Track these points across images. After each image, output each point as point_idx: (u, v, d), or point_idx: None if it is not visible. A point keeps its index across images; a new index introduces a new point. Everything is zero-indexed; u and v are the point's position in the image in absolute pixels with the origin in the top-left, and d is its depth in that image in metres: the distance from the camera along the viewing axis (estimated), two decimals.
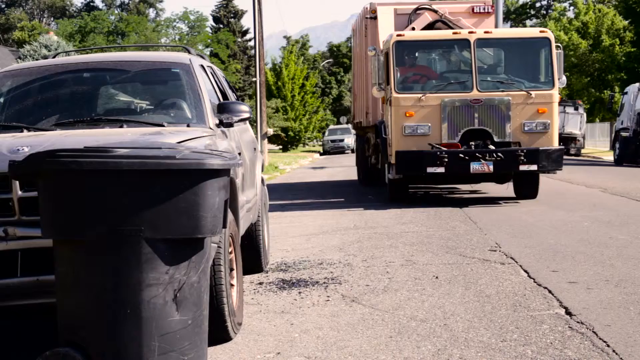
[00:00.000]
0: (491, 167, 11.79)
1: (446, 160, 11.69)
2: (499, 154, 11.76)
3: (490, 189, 14.89)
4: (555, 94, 12.36)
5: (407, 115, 12.04)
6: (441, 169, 11.75)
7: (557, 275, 6.44)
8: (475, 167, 11.78)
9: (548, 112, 12.20)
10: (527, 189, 12.93)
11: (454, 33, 12.90)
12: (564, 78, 12.66)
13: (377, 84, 12.78)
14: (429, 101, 12.08)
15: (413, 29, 13.88)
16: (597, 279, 6.24)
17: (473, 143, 11.94)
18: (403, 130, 12.09)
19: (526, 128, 12.06)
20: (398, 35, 12.66)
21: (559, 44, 13.21)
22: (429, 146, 11.94)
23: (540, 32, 12.91)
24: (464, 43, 12.58)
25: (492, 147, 11.93)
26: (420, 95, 12.15)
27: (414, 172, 12.21)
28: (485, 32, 12.72)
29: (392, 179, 12.69)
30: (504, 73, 12.84)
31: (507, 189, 13.44)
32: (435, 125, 12.03)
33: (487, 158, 11.75)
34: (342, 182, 20.04)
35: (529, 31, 13.09)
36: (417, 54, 13.26)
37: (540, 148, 11.93)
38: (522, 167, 11.85)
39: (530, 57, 12.87)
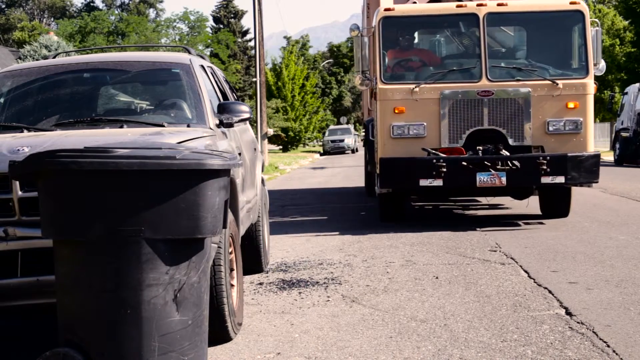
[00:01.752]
0: (504, 180, 9.12)
1: (444, 170, 9.06)
2: (515, 162, 9.11)
3: (512, 202, 12.13)
4: (590, 83, 9.55)
5: (396, 111, 9.42)
6: (438, 182, 9.12)
7: (557, 275, 6.44)
8: (482, 179, 9.13)
9: (580, 107, 9.45)
10: (554, 204, 10.21)
11: (458, 6, 9.89)
12: (602, 64, 9.83)
13: (361, 72, 9.90)
14: (425, 93, 9.43)
15: (415, 3, 10.87)
16: (597, 279, 6.24)
17: (481, 148, 9.38)
18: (391, 131, 9.43)
19: (551, 128, 9.40)
20: (386, 10, 9.84)
21: (596, 20, 10.28)
22: (423, 152, 9.34)
23: (571, 3, 9.77)
24: (471, 19, 9.77)
25: (505, 152, 9.33)
26: (413, 86, 9.46)
27: (403, 186, 9.54)
28: (499, 5, 9.75)
29: (379, 193, 10.05)
30: (523, 57, 10.09)
31: (527, 206, 11.07)
32: (433, 125, 9.41)
33: (498, 167, 9.12)
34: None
35: (557, 3, 9.74)
36: (410, 34, 10.51)
37: (569, 154, 9.20)
38: (545, 180, 9.13)
39: (557, 36, 9.98)
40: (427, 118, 9.42)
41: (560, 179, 9.17)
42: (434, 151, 9.34)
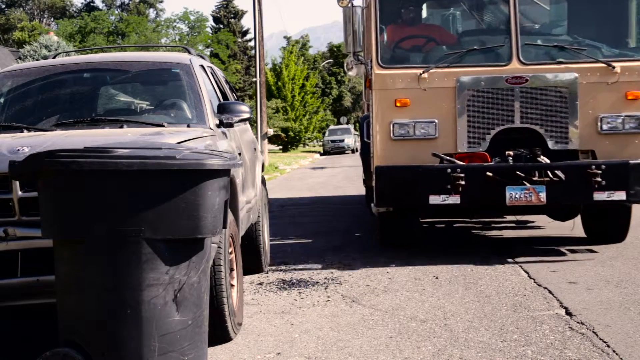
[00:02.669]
0: (543, 196, 6.89)
1: (463, 183, 6.85)
2: (557, 173, 6.87)
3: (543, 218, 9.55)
4: None
5: (398, 104, 7.26)
6: (454, 199, 6.91)
7: (557, 275, 6.44)
8: (514, 195, 6.90)
9: None
10: (605, 225, 7.89)
11: None
12: None
13: (352, 54, 7.54)
14: (436, 81, 7.24)
15: None
16: (597, 279, 6.24)
17: (511, 153, 7.10)
18: (391, 131, 7.26)
19: (605, 127, 7.16)
20: None
21: None
22: (433, 159, 7.16)
23: None
24: None
25: (544, 159, 7.06)
26: (420, 70, 7.24)
27: (408, 203, 7.26)
28: None
29: (375, 212, 7.69)
30: (565, 33, 7.76)
31: (572, 229, 8.48)
32: (446, 123, 7.20)
33: (535, 180, 6.88)
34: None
35: None
36: (416, 4, 8.23)
37: (632, 161, 6.94)
38: (600, 196, 6.90)
39: (611, 5, 7.67)
40: (439, 113, 7.22)
41: (621, 195, 6.89)
42: (448, 157, 7.13)
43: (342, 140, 49.78)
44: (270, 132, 31.96)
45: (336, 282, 6.54)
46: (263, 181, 7.52)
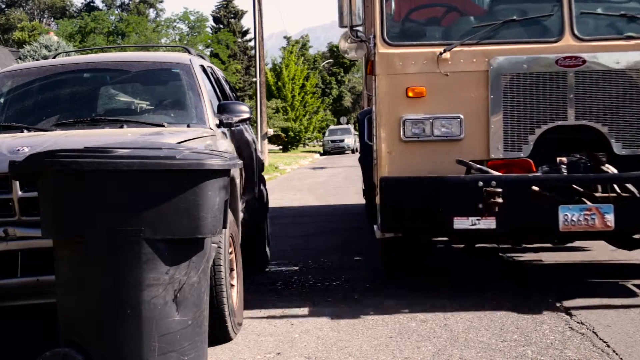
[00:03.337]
0: (610, 219, 5.16)
1: (500, 200, 5.15)
2: (629, 187, 5.19)
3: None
4: None
5: (411, 94, 5.58)
6: (488, 222, 5.22)
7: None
8: (571, 217, 5.20)
9: None
10: None
11: None
12: None
13: (349, 29, 5.78)
14: (462, 63, 5.55)
15: None
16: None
17: (565, 159, 5.40)
18: (401, 130, 5.56)
19: None
20: None
21: None
22: (459, 167, 5.46)
23: None
24: None
25: (610, 169, 5.33)
26: (440, 49, 5.55)
27: (424, 228, 5.58)
28: None
29: (380, 237, 5.79)
30: None
31: None
32: (476, 119, 5.53)
33: (599, 196, 5.21)
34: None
35: None
36: None
37: None
38: None
39: None
40: (466, 106, 5.50)
41: None
42: (479, 166, 5.35)
43: (342, 140, 49.82)
44: (270, 132, 31.98)
45: (336, 281, 6.54)
46: (263, 181, 7.52)
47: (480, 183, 5.19)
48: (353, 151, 47.30)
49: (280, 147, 54.57)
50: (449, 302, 5.58)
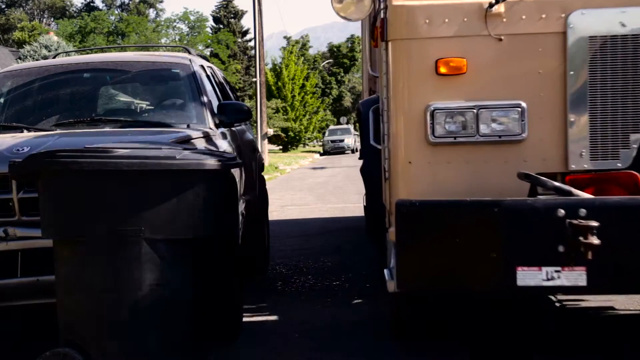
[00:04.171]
0: None
1: (596, 241, 3.17)
2: None
3: None
4: None
5: (443, 70, 3.70)
6: (576, 275, 3.30)
7: None
8: None
9: None
10: None
11: None
12: None
13: None
14: (522, 20, 3.68)
15: None
16: None
17: None
18: (428, 126, 3.71)
19: None
20: None
21: None
22: (520, 185, 3.61)
23: None
24: None
25: None
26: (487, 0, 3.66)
27: (467, 283, 3.45)
28: None
29: (393, 290, 3.76)
30: None
31: None
32: (545, 108, 3.68)
33: None
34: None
35: None
36: None
37: None
38: None
39: None
40: (530, 89, 3.71)
41: None
42: (556, 184, 3.52)
43: (342, 140, 49.85)
44: (270, 132, 31.97)
45: (337, 282, 6.54)
46: (263, 181, 7.52)
47: (561, 212, 3.26)
48: (353, 151, 47.33)
49: (280, 147, 54.59)
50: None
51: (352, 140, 49.39)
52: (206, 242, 3.67)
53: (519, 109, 3.68)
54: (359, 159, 5.91)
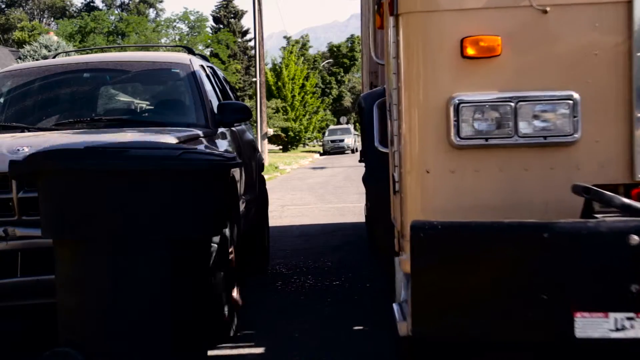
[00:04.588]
0: None
1: None
2: None
3: None
4: None
5: (471, 52, 2.88)
6: None
7: None
8: None
9: None
10: None
11: None
12: None
13: None
14: None
15: None
16: None
17: None
18: (452, 123, 2.89)
19: None
20: None
21: None
22: (573, 201, 2.79)
23: None
24: None
25: None
26: None
27: (504, 331, 2.60)
28: None
29: (405, 333, 2.89)
30: None
31: None
32: (604, 102, 2.87)
33: None
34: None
35: None
36: None
37: None
38: None
39: None
40: (584, 76, 2.90)
41: None
42: (626, 201, 2.66)
43: (342, 140, 49.85)
44: (270, 132, 31.99)
45: (336, 282, 6.54)
46: (263, 181, 7.52)
47: (635, 239, 2.49)
48: (353, 151, 47.35)
49: (280, 147, 54.59)
50: None
51: (352, 140, 49.41)
52: (206, 242, 3.67)
53: (570, 102, 2.87)
54: (360, 161, 5.11)
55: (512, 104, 2.88)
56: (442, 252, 2.62)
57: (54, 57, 6.92)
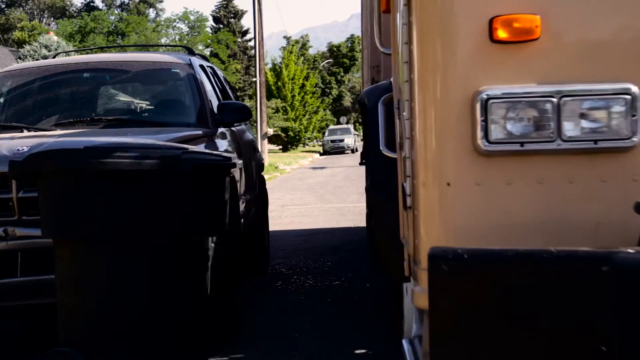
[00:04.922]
0: None
1: None
2: None
3: None
4: None
5: (502, 34, 2.32)
6: None
7: None
8: None
9: None
10: None
11: None
12: None
13: None
14: None
15: None
16: None
17: None
18: (478, 125, 2.33)
19: None
20: None
21: None
22: (636, 221, 2.19)
23: None
24: None
25: None
26: None
27: None
28: None
29: None
30: None
31: None
32: None
33: None
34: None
35: None
36: None
37: None
38: None
39: None
40: None
41: None
42: None
43: (342, 140, 49.86)
44: (270, 132, 31.98)
45: (336, 282, 6.54)
46: (263, 181, 7.52)
47: None
48: (353, 151, 47.37)
49: (280, 147, 54.60)
50: None
51: (352, 140, 49.43)
52: (206, 242, 3.67)
53: (628, 97, 2.32)
54: (360, 164, 4.35)
55: (554, 100, 2.33)
56: (471, 289, 2.02)
57: (54, 57, 6.93)
